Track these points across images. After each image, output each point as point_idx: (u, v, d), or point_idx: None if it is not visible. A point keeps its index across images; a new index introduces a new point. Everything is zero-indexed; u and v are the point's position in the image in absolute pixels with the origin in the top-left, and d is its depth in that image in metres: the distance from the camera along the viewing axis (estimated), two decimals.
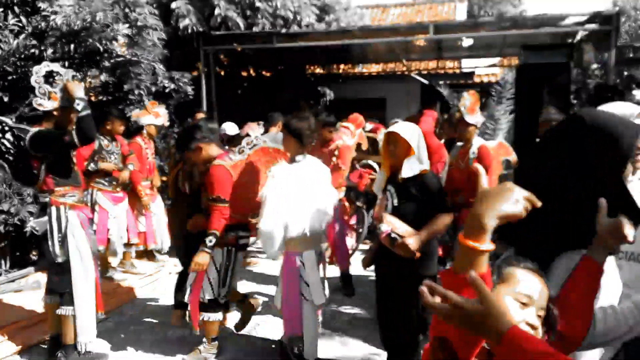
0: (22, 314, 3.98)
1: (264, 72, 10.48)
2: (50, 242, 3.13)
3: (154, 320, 4.09)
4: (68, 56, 5.18)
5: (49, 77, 3.12)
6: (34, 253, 5.02)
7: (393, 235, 2.50)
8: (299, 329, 3.02)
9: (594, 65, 8.80)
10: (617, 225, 1.24)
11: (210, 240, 3.04)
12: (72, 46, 4.94)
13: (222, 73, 9.71)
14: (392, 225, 2.55)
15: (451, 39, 7.38)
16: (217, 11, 7.29)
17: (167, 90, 6.70)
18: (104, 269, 4.78)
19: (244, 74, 10.21)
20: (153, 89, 6.47)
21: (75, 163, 3.32)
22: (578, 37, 7.46)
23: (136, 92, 6.15)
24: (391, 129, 2.65)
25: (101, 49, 5.04)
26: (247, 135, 3.50)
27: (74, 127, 3.00)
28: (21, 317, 3.91)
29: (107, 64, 5.63)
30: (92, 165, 4.40)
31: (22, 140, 3.06)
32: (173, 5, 7.42)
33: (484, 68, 11.54)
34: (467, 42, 6.77)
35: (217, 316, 3.34)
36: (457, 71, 11.42)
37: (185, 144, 3.21)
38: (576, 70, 7.92)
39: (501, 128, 6.79)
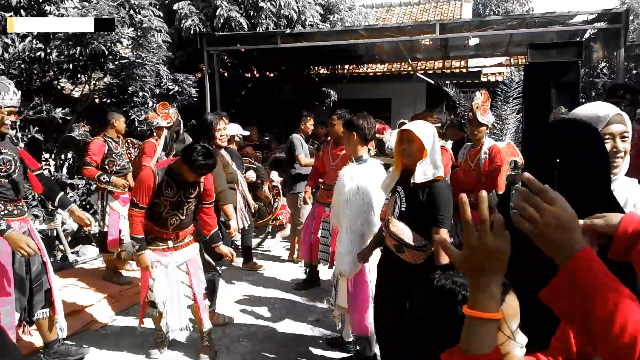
0: None
1: (267, 73, 10.46)
2: None
3: None
4: (73, 59, 5.16)
5: None
6: None
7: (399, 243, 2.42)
8: (367, 328, 3.03)
9: (602, 64, 8.72)
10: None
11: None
12: (78, 49, 4.92)
13: (226, 74, 9.69)
14: (399, 231, 2.42)
15: (457, 38, 7.31)
16: (220, 11, 7.24)
17: (171, 92, 6.67)
18: (109, 272, 4.75)
19: (248, 74, 10.19)
20: (157, 90, 6.45)
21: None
22: (586, 35, 7.38)
23: (140, 94, 6.14)
24: (406, 127, 2.45)
25: (106, 51, 5.02)
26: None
27: None
28: None
29: (111, 66, 5.61)
30: (104, 176, 4.44)
31: None
32: (175, 6, 7.38)
33: (491, 67, 11.44)
34: (473, 41, 6.70)
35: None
36: (464, 70, 11.31)
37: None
38: (584, 69, 7.84)
39: (508, 128, 6.72)
